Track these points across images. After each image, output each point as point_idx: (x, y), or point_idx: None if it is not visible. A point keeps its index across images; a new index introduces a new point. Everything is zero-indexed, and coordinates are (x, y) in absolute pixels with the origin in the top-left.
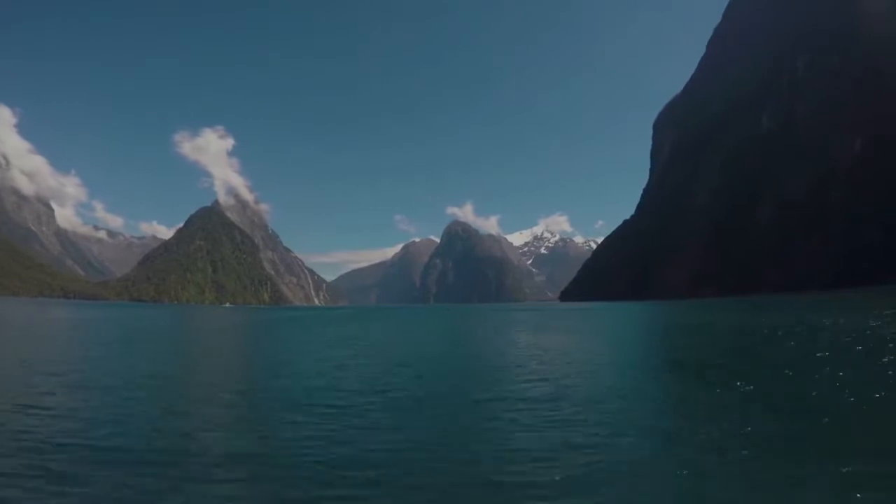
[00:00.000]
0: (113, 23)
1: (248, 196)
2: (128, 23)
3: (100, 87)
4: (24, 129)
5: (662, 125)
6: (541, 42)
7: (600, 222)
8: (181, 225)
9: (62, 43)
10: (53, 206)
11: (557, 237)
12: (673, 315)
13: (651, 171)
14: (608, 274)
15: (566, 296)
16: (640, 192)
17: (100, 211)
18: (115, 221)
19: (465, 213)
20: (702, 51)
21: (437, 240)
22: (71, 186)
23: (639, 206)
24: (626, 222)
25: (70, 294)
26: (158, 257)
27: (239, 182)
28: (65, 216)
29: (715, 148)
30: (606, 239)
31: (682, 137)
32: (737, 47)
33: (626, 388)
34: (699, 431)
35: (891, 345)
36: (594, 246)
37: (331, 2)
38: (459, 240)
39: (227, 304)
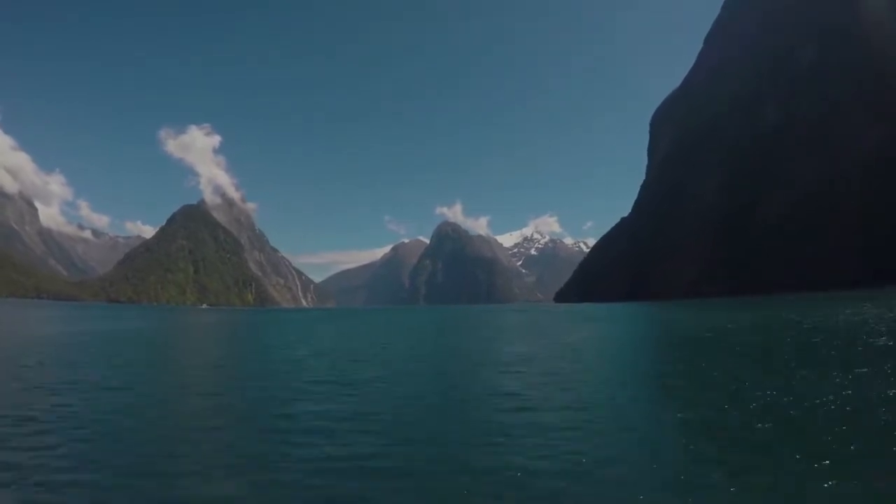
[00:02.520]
0: (98, 20)
1: (234, 195)
2: (113, 20)
3: (85, 85)
4: (6, 126)
5: (660, 122)
6: (529, 41)
7: (589, 223)
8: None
9: (45, 40)
10: (38, 205)
11: (547, 238)
12: (710, 318)
13: (648, 168)
14: (605, 274)
15: (561, 297)
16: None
17: (85, 210)
18: (101, 221)
19: (455, 213)
20: (696, 46)
21: (427, 241)
22: (56, 185)
23: (635, 205)
24: (623, 221)
25: (43, 294)
26: (138, 257)
27: (225, 180)
28: (50, 215)
29: (717, 144)
30: (602, 238)
31: (682, 134)
32: (737, 42)
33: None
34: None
35: None
36: (584, 247)
37: (319, 1)
38: (449, 240)
39: (204, 306)
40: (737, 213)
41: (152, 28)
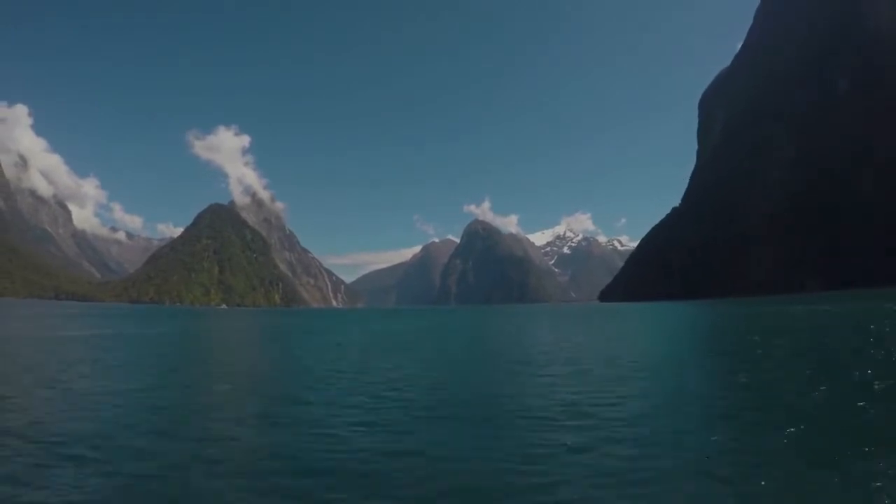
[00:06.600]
0: (123, 24)
1: (263, 195)
2: (138, 24)
3: (116, 88)
4: (38, 128)
5: (710, 103)
6: (557, 38)
7: (623, 220)
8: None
9: (73, 44)
10: (73, 207)
11: (580, 236)
12: None
13: (699, 153)
14: (655, 271)
15: (606, 296)
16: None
17: (118, 212)
18: (135, 222)
19: (483, 210)
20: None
21: (457, 240)
22: (90, 188)
23: (686, 194)
24: (673, 211)
25: (62, 295)
26: (163, 257)
27: (254, 180)
28: (84, 217)
29: (783, 117)
30: (649, 233)
31: (738, 112)
32: (793, 10)
33: None
34: None
35: None
36: (618, 245)
37: (347, 2)
38: (480, 239)
39: (223, 306)
40: (824, 187)
41: (179, 31)
